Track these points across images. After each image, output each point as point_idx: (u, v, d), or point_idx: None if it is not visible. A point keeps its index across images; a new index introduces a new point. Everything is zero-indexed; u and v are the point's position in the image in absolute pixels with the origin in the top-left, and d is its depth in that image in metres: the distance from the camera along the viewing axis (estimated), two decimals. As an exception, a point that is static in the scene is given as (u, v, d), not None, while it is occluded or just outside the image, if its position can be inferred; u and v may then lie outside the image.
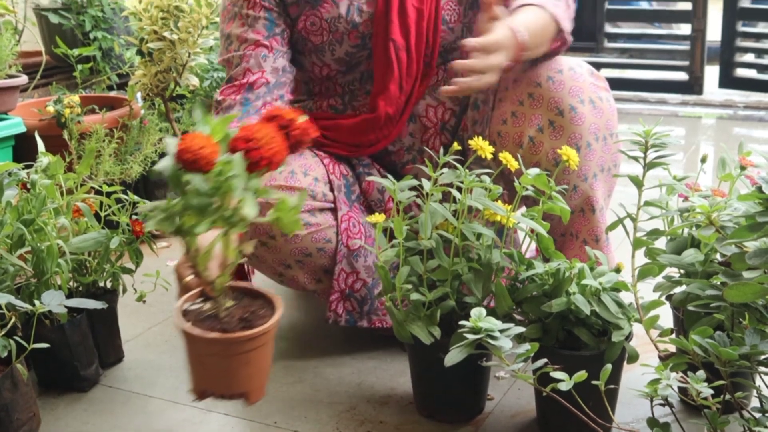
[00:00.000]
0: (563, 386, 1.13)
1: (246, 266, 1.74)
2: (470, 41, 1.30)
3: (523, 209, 1.66)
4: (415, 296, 1.31)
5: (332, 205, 1.54)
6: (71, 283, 1.53)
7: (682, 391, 1.20)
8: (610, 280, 1.27)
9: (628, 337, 1.29)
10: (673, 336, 1.33)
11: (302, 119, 1.00)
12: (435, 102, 1.61)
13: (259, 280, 1.84)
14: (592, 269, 1.30)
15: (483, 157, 1.57)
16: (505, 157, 1.33)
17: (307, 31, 1.56)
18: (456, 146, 1.33)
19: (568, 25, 1.51)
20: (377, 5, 1.55)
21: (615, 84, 4.11)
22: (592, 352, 1.26)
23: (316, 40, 1.56)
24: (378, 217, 1.35)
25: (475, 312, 1.19)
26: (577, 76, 1.49)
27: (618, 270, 1.32)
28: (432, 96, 1.61)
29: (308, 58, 1.60)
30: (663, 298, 1.36)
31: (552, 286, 1.29)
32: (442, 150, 1.39)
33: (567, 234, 1.59)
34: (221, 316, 1.03)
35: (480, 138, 1.57)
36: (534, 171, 1.32)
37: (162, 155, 2.30)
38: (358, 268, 1.55)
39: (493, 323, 1.16)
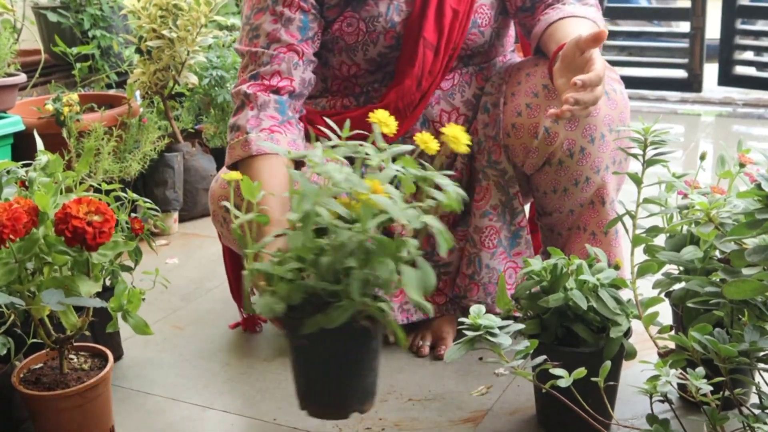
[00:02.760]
0: (562, 383, 1.13)
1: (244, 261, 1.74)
2: (581, 78, 1.27)
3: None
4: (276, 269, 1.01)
5: None
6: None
7: (682, 387, 1.20)
8: (608, 276, 1.27)
9: (627, 334, 1.29)
10: (673, 333, 1.33)
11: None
12: (449, 107, 1.61)
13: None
14: (590, 266, 1.30)
15: (496, 158, 1.56)
16: (422, 138, 1.08)
17: (342, 32, 1.54)
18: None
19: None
20: (415, 4, 1.54)
21: (614, 82, 4.13)
22: (591, 348, 1.26)
23: (350, 39, 1.54)
24: (233, 175, 1.12)
25: (474, 309, 1.19)
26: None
27: (617, 267, 1.32)
28: (447, 101, 1.60)
29: (337, 56, 1.57)
30: (662, 295, 1.36)
31: (550, 282, 1.29)
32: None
33: (574, 228, 1.59)
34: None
35: (492, 140, 1.58)
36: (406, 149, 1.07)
37: (161, 153, 2.30)
38: None
39: (493, 320, 1.16)
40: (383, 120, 1.10)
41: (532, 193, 1.63)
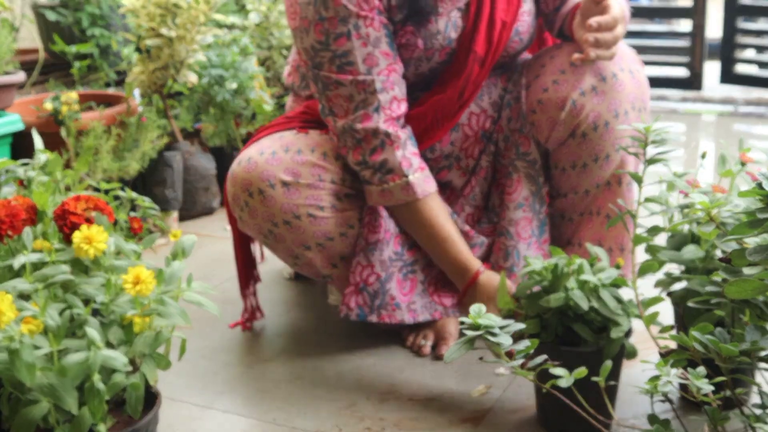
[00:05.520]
0: (563, 383, 1.13)
1: (260, 247, 1.73)
2: (596, 19, 1.39)
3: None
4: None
5: (357, 192, 1.55)
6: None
7: (683, 387, 1.19)
8: (610, 276, 1.27)
9: (628, 334, 1.29)
10: (674, 332, 1.33)
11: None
12: (478, 109, 1.61)
13: (261, 274, 1.84)
14: (592, 265, 1.30)
15: (524, 150, 1.58)
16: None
17: (401, 45, 1.52)
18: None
19: (628, 15, 1.57)
20: (468, 19, 1.53)
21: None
22: (591, 348, 1.26)
23: (406, 54, 1.53)
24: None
25: (474, 309, 1.18)
26: (619, 44, 1.52)
27: (617, 266, 1.32)
28: (476, 103, 1.61)
29: None
30: (663, 295, 1.35)
31: (550, 282, 1.28)
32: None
33: (586, 213, 1.60)
34: None
35: (518, 133, 1.59)
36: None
37: (160, 152, 2.30)
38: (373, 261, 1.55)
39: (493, 320, 1.15)
40: None
41: (549, 172, 1.64)
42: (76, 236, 1.14)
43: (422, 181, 1.50)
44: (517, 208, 1.61)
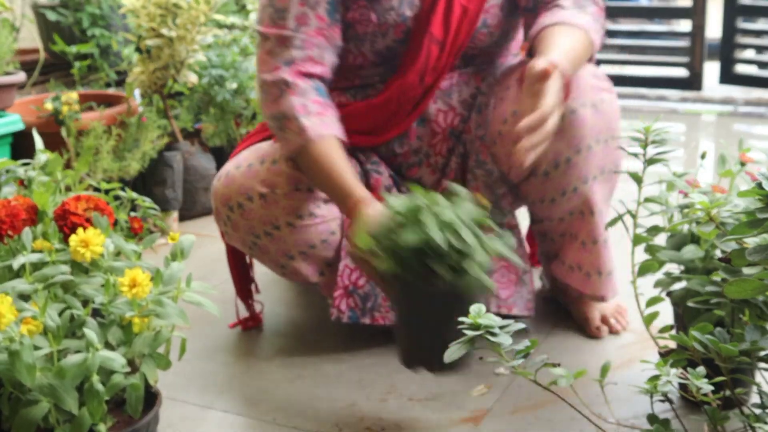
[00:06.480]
0: (563, 382, 1.13)
1: (248, 258, 1.74)
2: (524, 124, 1.29)
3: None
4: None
5: None
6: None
7: (682, 387, 1.19)
8: (468, 212, 1.24)
9: (487, 272, 1.25)
10: (673, 332, 1.33)
11: None
12: (446, 107, 1.59)
13: (260, 274, 1.84)
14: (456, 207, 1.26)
15: (483, 158, 1.56)
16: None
17: (354, 20, 1.52)
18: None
19: (599, 41, 1.50)
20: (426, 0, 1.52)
21: (614, 81, 4.06)
22: (449, 285, 1.23)
23: (361, 29, 1.53)
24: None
25: (474, 309, 1.18)
26: (578, 79, 1.47)
27: (483, 205, 1.28)
28: (444, 100, 1.59)
29: (345, 45, 1.55)
30: (663, 295, 1.35)
31: (409, 220, 1.25)
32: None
33: (566, 234, 1.59)
34: None
35: (479, 140, 1.57)
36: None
37: (160, 152, 2.30)
38: None
39: (493, 320, 1.15)
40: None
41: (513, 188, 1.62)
42: (73, 239, 1.14)
43: (317, 124, 1.44)
44: None
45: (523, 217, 1.73)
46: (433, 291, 1.24)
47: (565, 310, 1.72)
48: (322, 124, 1.45)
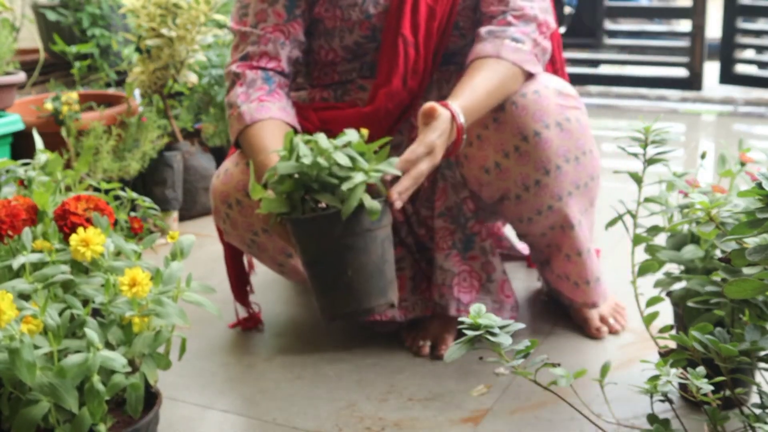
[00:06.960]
0: (563, 382, 1.13)
1: (246, 262, 1.74)
2: (396, 190, 1.29)
3: None
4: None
5: None
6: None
7: (682, 387, 1.19)
8: (343, 140, 1.26)
9: (367, 191, 1.26)
10: (673, 332, 1.33)
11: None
12: (424, 101, 1.59)
13: (260, 274, 1.84)
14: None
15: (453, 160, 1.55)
16: None
17: (322, 15, 1.55)
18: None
19: (535, 66, 1.48)
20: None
21: (614, 80, 4.14)
22: (331, 210, 1.23)
23: (329, 24, 1.55)
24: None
25: (474, 309, 1.18)
26: (541, 99, 1.47)
27: (363, 136, 1.29)
28: (423, 96, 1.60)
29: (317, 40, 1.58)
30: (663, 295, 1.35)
31: (289, 154, 1.26)
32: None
33: (552, 245, 1.60)
34: None
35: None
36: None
37: (160, 152, 2.30)
38: None
39: (493, 320, 1.15)
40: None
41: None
42: (73, 239, 1.14)
43: (254, 109, 1.47)
44: (439, 217, 1.58)
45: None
46: (321, 222, 1.24)
47: (565, 310, 1.72)
48: (260, 109, 1.48)
